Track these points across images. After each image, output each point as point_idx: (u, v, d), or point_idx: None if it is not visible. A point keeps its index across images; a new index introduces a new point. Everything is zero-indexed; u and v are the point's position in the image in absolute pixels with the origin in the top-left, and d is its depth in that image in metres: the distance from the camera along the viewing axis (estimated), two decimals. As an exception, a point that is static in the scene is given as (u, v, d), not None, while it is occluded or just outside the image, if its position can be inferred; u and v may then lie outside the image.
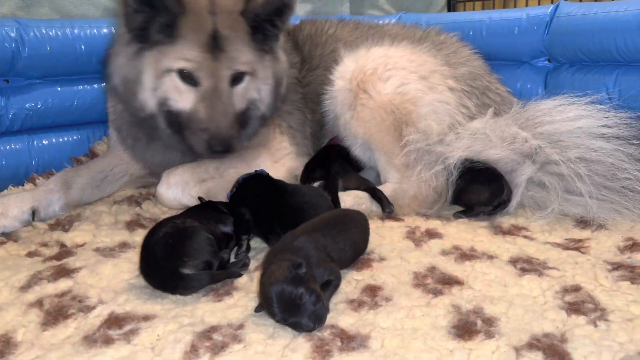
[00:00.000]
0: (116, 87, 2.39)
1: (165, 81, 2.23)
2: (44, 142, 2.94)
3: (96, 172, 2.65)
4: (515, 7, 3.94)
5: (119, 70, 2.32)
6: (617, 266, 1.72)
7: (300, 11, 3.89)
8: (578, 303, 1.51)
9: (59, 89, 2.95)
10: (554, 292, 1.58)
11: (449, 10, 4.35)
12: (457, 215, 2.24)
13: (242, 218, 2.01)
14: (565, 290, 1.59)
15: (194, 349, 1.38)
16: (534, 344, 1.35)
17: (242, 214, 2.02)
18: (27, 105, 2.84)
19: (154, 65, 2.22)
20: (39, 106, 2.87)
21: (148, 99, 2.27)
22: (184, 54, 2.18)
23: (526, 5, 3.82)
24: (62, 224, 2.28)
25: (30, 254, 2.01)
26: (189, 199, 2.34)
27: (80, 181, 2.56)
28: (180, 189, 2.35)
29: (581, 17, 2.67)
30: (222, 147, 2.21)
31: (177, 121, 2.28)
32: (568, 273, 1.69)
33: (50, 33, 2.83)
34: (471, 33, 3.12)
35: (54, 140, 2.97)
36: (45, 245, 2.08)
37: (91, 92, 3.02)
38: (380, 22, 3.31)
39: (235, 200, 2.10)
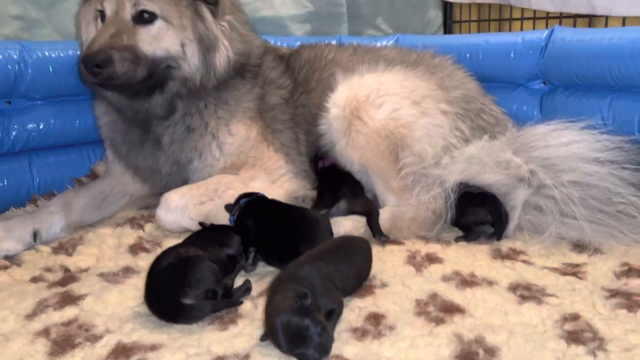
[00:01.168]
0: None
1: (92, 27, 2.41)
2: (45, 162, 2.96)
3: (96, 193, 2.68)
4: (510, 29, 4.01)
5: (77, 34, 2.52)
6: (614, 293, 1.76)
7: (299, 31, 3.94)
8: (577, 332, 1.54)
9: (61, 110, 2.97)
10: (553, 321, 1.61)
11: (445, 30, 4.42)
12: (459, 240, 2.28)
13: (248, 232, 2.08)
14: (565, 319, 1.62)
15: (201, 380, 1.40)
16: (535, 375, 1.38)
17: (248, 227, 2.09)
18: (29, 126, 2.87)
19: (85, 16, 2.43)
20: (40, 127, 2.90)
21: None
22: None
23: (521, 28, 3.88)
24: (66, 248, 2.29)
25: (34, 279, 2.03)
26: (189, 222, 2.36)
27: (81, 202, 2.59)
28: (179, 212, 2.37)
29: (576, 43, 2.73)
30: (93, 61, 2.17)
31: None
32: (567, 300, 1.73)
33: (53, 55, 2.86)
34: (468, 56, 3.17)
35: (55, 160, 3.00)
36: (49, 270, 2.10)
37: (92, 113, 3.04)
38: (378, 44, 3.37)
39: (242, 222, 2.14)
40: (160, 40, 2.33)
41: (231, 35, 2.52)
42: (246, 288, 1.87)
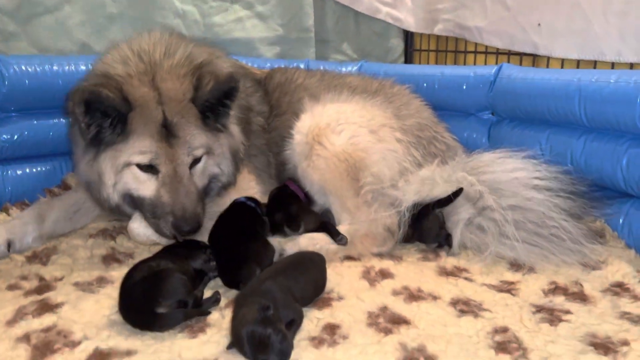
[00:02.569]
0: (83, 186, 2.55)
1: (125, 174, 2.35)
2: (17, 172, 3.05)
3: (69, 205, 2.78)
4: (465, 60, 4.31)
5: (83, 175, 2.46)
6: (539, 309, 2.00)
7: (268, 53, 4.14)
8: (505, 343, 1.77)
9: (35, 122, 3.07)
10: (486, 333, 1.84)
11: (406, 58, 4.71)
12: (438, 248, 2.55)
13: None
14: (495, 331, 1.85)
15: (174, 383, 1.56)
16: (466, 379, 1.60)
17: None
18: (3, 137, 2.95)
19: (111, 164, 2.33)
20: (15, 138, 2.99)
21: (111, 194, 2.39)
22: (139, 147, 2.28)
23: (474, 61, 4.20)
24: (40, 257, 2.40)
25: (10, 287, 2.13)
26: (159, 237, 2.50)
27: (54, 214, 2.68)
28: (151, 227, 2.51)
29: (520, 80, 3.02)
30: (189, 227, 2.30)
31: (138, 204, 2.41)
32: (499, 315, 1.96)
33: (30, 69, 2.96)
34: (425, 85, 3.43)
35: (27, 170, 3.09)
36: (25, 278, 2.21)
37: (65, 125, 3.13)
38: (343, 69, 3.59)
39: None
40: (205, 171, 2.49)
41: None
42: (215, 299, 2.03)
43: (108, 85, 2.24)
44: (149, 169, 2.33)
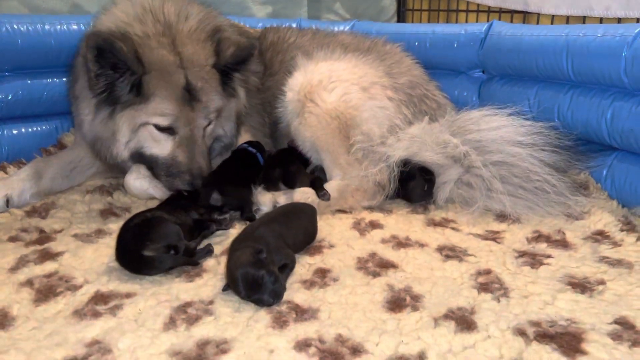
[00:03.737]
0: (88, 141, 2.56)
1: (140, 133, 2.40)
2: (13, 132, 3.08)
3: (66, 163, 2.83)
4: (457, 20, 4.31)
5: (91, 131, 2.46)
6: (522, 254, 2.09)
7: (261, 13, 4.12)
8: (487, 283, 1.87)
9: (28, 81, 3.09)
10: (469, 275, 1.93)
11: (399, 18, 4.69)
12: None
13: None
14: (479, 273, 1.94)
15: (172, 321, 1.64)
16: (449, 315, 1.68)
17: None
18: (-3, 96, 2.98)
19: (128, 122, 2.37)
20: (9, 98, 3.01)
21: (121, 152, 2.45)
22: (162, 109, 2.33)
23: (466, 20, 4.20)
24: (39, 211, 2.47)
25: (12, 239, 2.20)
26: (155, 190, 2.56)
27: (51, 171, 2.73)
28: (148, 181, 2.57)
29: (510, 37, 3.04)
30: (201, 183, 2.41)
31: (148, 161, 2.46)
32: (483, 259, 2.05)
33: (22, 28, 2.96)
34: (417, 44, 3.45)
35: (23, 130, 3.13)
36: (25, 231, 2.28)
37: (60, 85, 3.16)
38: (336, 29, 3.60)
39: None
40: (213, 132, 2.60)
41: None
42: (208, 250, 2.09)
43: (125, 40, 2.24)
44: (166, 129, 2.39)
